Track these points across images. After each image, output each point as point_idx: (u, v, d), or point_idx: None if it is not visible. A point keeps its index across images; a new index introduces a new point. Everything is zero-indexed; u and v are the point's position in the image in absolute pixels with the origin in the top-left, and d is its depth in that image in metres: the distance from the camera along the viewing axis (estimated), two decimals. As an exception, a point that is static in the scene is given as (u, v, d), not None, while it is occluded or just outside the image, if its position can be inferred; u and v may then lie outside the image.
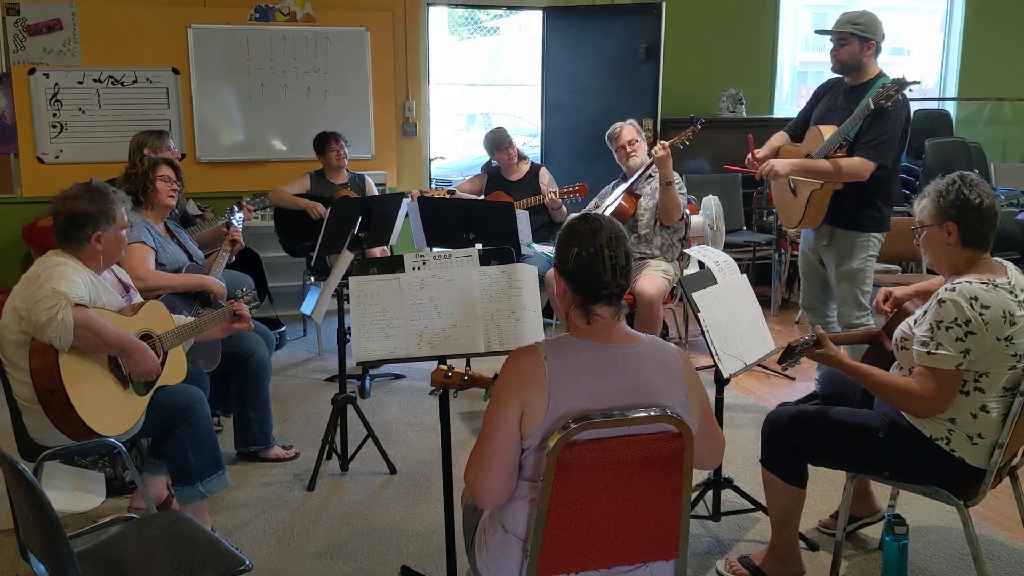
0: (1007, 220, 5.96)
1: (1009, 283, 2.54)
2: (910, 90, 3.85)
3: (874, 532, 3.25)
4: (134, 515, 2.62)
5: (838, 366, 2.67)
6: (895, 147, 3.84)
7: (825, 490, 3.59)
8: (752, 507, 3.35)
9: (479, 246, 4.04)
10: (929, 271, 4.53)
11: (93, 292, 2.90)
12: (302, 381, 5.12)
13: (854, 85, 3.97)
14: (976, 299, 2.46)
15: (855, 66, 3.92)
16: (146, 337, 3.00)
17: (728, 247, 5.95)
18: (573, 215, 2.08)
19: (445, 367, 2.31)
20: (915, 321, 2.62)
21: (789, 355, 2.65)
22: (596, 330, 2.01)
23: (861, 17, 3.91)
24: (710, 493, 3.36)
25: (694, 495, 3.36)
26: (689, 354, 5.55)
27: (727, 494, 3.39)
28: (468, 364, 4.79)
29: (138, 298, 3.23)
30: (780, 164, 3.96)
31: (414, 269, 2.79)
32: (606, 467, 1.90)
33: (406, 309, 2.74)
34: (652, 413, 1.91)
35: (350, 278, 2.77)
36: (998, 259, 2.65)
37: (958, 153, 7.19)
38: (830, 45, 4.01)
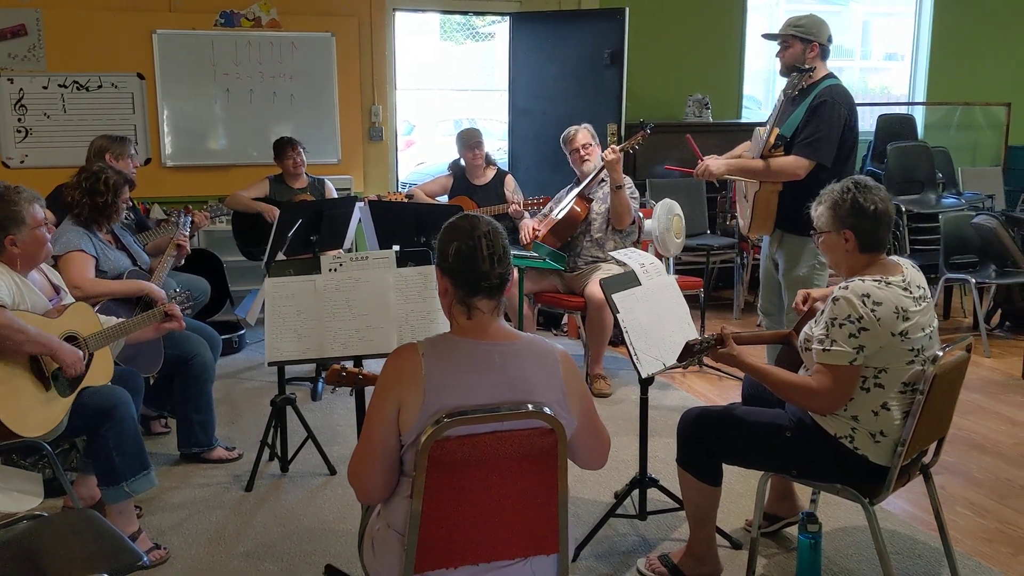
0: (963, 224, 5.99)
1: (904, 280, 2.59)
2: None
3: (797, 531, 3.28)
4: (43, 513, 2.65)
5: (740, 366, 2.70)
6: (832, 145, 3.83)
7: (753, 489, 3.60)
8: (678, 506, 3.37)
9: (396, 248, 4.07)
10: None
11: (17, 295, 2.94)
12: (256, 384, 5.15)
13: (802, 88, 4.01)
14: (868, 296, 2.51)
15: (799, 68, 3.97)
16: (71, 339, 3.03)
17: (685, 250, 5.99)
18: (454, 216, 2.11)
19: (339, 366, 2.35)
20: (816, 321, 2.67)
21: (688, 354, 2.68)
22: (475, 327, 2.05)
23: (803, 20, 3.97)
24: (636, 492, 3.38)
25: (620, 493, 3.40)
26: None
27: (655, 493, 3.42)
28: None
29: (69, 299, 3.26)
30: (714, 164, 3.99)
31: (331, 271, 2.83)
32: (478, 463, 1.93)
33: (321, 310, 2.78)
34: (524, 410, 1.94)
35: (266, 280, 2.81)
36: (895, 258, 2.70)
37: (920, 157, 7.22)
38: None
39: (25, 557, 2.35)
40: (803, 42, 3.94)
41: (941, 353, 2.58)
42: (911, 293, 2.58)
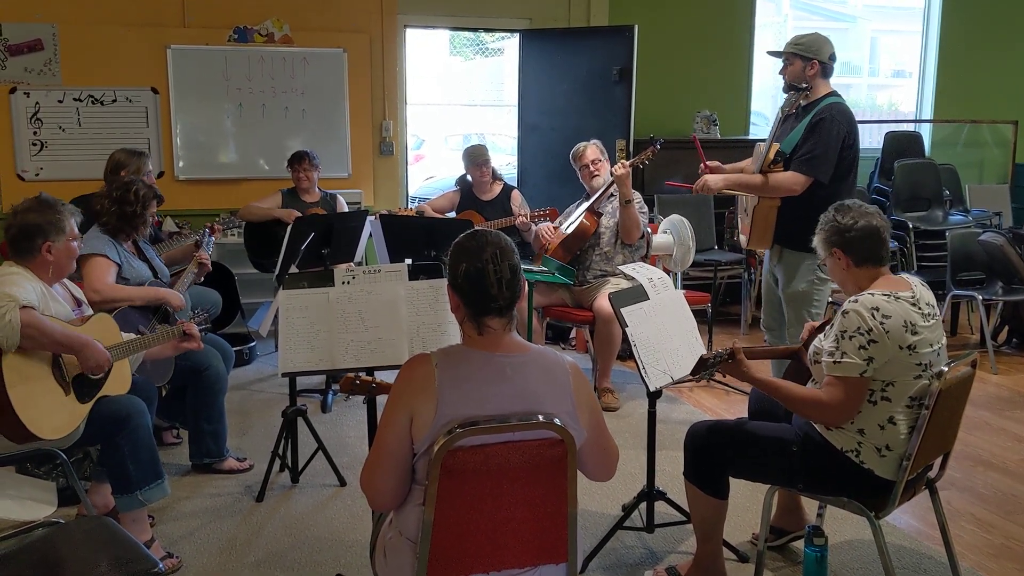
0: (970, 241, 6.02)
1: (913, 296, 2.64)
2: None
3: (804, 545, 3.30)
4: (60, 520, 2.69)
5: (751, 381, 2.74)
6: (829, 163, 3.88)
7: (760, 502, 3.63)
8: (685, 519, 3.40)
9: (409, 261, 4.12)
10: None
11: (42, 301, 3.00)
12: (267, 395, 5.19)
13: (804, 105, 4.07)
14: (878, 309, 2.57)
15: (797, 87, 4.04)
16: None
17: (693, 266, 6.01)
18: (464, 232, 2.15)
19: (353, 375, 2.39)
20: (824, 335, 2.71)
21: (701, 367, 2.72)
22: (487, 340, 2.09)
23: (805, 38, 4.07)
24: (644, 505, 3.41)
25: (628, 506, 3.43)
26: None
27: (662, 506, 3.44)
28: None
29: (89, 311, 3.31)
30: (713, 179, 4.09)
31: (343, 283, 2.88)
32: (489, 472, 1.96)
33: (333, 322, 2.82)
34: (535, 420, 1.98)
35: (280, 292, 2.85)
36: (903, 276, 2.75)
37: (927, 174, 7.26)
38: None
39: (43, 563, 2.39)
40: (803, 60, 4.02)
41: (946, 368, 2.61)
42: (920, 309, 2.64)
